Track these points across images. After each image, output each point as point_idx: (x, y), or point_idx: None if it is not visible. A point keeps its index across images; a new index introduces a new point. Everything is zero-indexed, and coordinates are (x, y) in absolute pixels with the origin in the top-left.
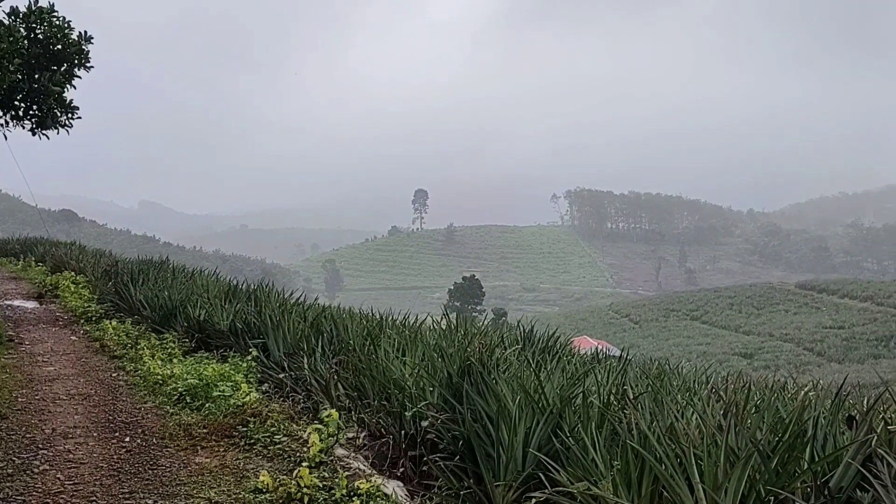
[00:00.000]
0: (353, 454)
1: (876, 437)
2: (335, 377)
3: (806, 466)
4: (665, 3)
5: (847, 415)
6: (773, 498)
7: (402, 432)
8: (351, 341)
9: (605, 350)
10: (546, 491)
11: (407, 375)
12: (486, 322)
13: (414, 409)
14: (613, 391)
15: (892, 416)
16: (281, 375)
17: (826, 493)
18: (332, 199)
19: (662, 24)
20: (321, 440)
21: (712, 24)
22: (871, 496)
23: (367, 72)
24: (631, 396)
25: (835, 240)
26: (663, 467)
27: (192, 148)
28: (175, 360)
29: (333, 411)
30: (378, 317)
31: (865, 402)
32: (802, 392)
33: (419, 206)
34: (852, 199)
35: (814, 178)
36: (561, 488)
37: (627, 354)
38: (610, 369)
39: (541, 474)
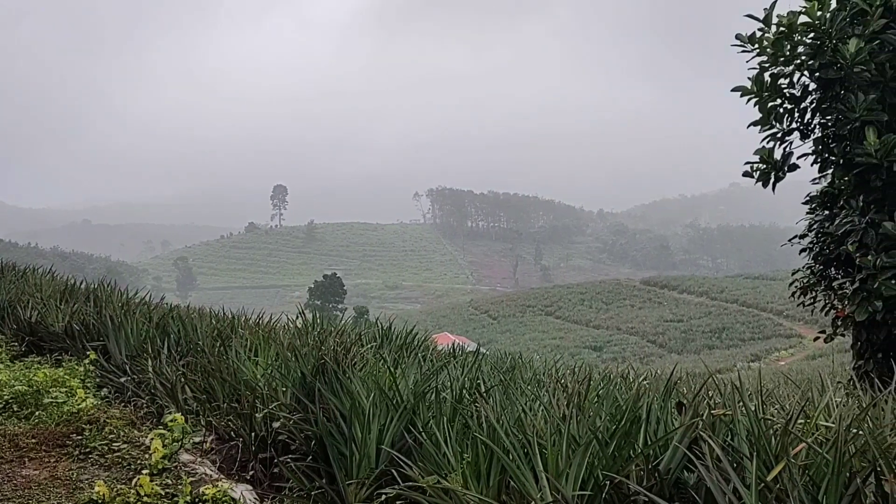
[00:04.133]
0: (199, 459)
1: (701, 422)
2: (182, 380)
3: (639, 451)
4: (528, 10)
5: (678, 401)
6: (609, 482)
7: (253, 434)
8: (200, 342)
9: (462, 345)
10: (396, 487)
11: (259, 376)
12: (345, 320)
13: (265, 411)
14: (467, 385)
15: (716, 401)
16: (122, 379)
17: (656, 475)
18: (185, 193)
19: (524, 29)
20: (164, 446)
21: (570, 33)
22: (696, 476)
23: (229, 63)
24: (483, 390)
25: (675, 239)
26: (510, 458)
27: (29, 135)
28: (1, 366)
29: (178, 415)
30: (230, 316)
31: (695, 389)
32: (638, 381)
33: (278, 203)
34: (691, 201)
35: (657, 181)
36: (412, 483)
37: (479, 349)
38: (465, 364)
39: (394, 470)
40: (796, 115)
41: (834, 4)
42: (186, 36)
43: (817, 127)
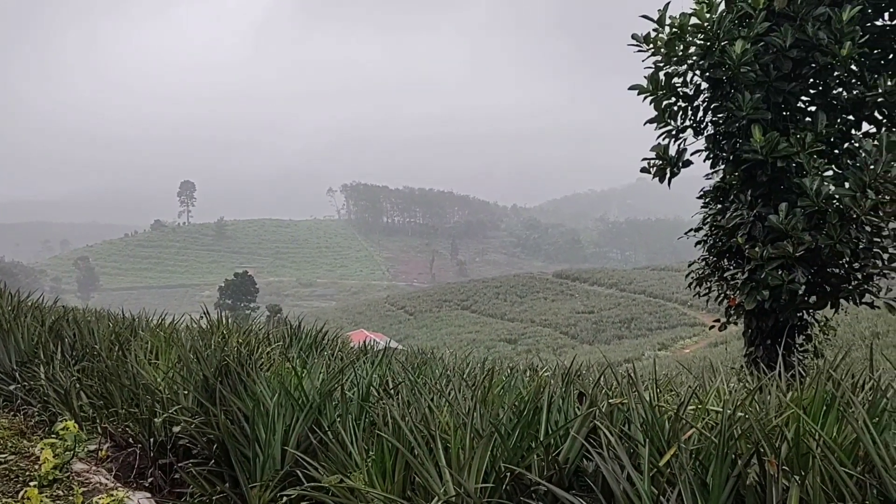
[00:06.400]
0: (94, 468)
1: (598, 411)
2: (77, 385)
3: (540, 441)
4: (442, 7)
5: (579, 391)
6: (509, 474)
7: (152, 440)
8: (97, 346)
9: (378, 342)
10: (298, 488)
11: (159, 380)
12: (257, 319)
13: (164, 415)
14: (375, 383)
15: (617, 391)
16: (11, 387)
17: (556, 465)
18: (87, 190)
19: (438, 27)
20: (56, 455)
21: (484, 30)
22: (594, 464)
23: (137, 57)
24: (391, 387)
25: (586, 233)
26: (415, 454)
27: None
28: None
29: (70, 423)
30: (131, 318)
31: (602, 379)
32: (540, 373)
33: (186, 199)
34: (600, 195)
35: (568, 176)
36: (315, 483)
37: (388, 344)
38: (375, 361)
39: (299, 471)
40: (690, 112)
41: (722, 7)
42: (92, 28)
43: (709, 124)
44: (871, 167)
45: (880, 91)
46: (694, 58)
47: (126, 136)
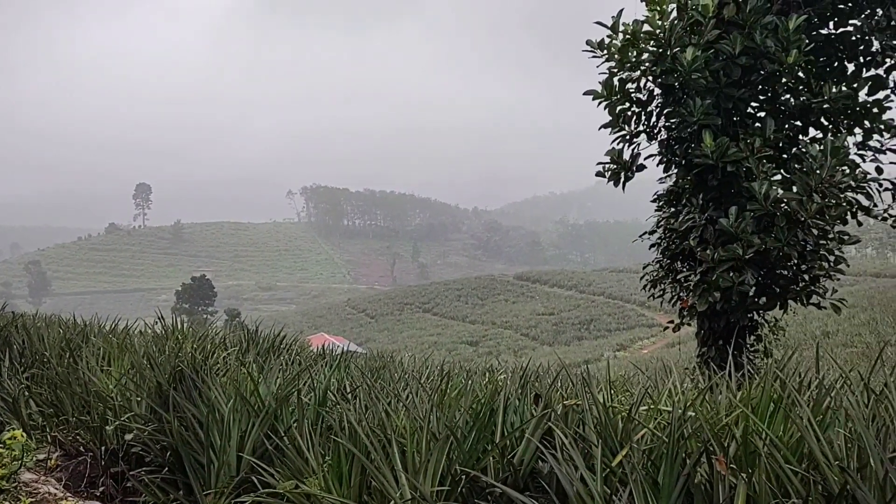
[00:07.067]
0: (43, 477)
1: (553, 413)
2: (26, 393)
3: (496, 443)
4: (405, 9)
5: (535, 393)
6: (465, 476)
7: (104, 448)
8: (47, 353)
9: (339, 346)
10: (254, 494)
11: (112, 387)
12: (215, 324)
13: (116, 423)
14: (333, 387)
15: (569, 393)
16: None
17: (511, 467)
18: (39, 192)
19: (402, 28)
20: (2, 465)
21: (447, 33)
22: (548, 466)
23: (93, 54)
24: (349, 391)
25: (546, 235)
26: (370, 458)
27: None
28: None
29: (18, 432)
30: (83, 324)
31: (559, 381)
32: (497, 375)
33: (141, 202)
34: (560, 198)
35: (529, 179)
36: (271, 489)
37: (347, 348)
38: (333, 365)
39: (255, 478)
40: (643, 118)
41: (674, 15)
42: (46, 22)
43: (662, 129)
44: (817, 172)
45: (826, 98)
46: (647, 64)
47: (79, 137)
